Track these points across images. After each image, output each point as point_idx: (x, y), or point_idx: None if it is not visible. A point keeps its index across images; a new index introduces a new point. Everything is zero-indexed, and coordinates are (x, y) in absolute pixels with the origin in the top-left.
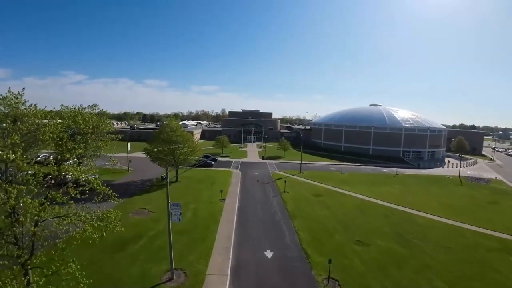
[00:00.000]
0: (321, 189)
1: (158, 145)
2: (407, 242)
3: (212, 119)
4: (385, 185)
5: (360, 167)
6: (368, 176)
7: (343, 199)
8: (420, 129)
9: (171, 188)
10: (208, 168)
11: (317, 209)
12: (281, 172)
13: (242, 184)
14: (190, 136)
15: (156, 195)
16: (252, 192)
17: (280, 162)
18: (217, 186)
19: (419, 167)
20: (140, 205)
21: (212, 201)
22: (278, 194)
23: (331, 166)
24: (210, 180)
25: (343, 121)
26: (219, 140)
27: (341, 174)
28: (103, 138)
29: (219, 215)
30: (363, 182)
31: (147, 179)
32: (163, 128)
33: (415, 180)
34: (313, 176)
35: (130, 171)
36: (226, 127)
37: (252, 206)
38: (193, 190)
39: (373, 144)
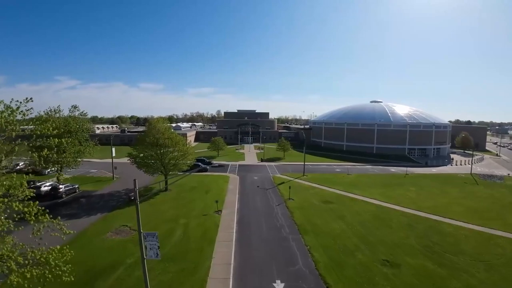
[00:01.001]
0: (330, 194)
1: (144, 149)
2: (440, 258)
3: (208, 120)
4: (399, 187)
5: (366, 167)
6: (377, 178)
7: (357, 206)
8: (425, 125)
9: (160, 198)
10: (203, 174)
11: (329, 220)
12: (282, 176)
13: (240, 191)
14: (181, 139)
15: (141, 208)
16: (253, 200)
17: (280, 164)
18: (212, 195)
19: (427, 165)
20: (122, 221)
21: (206, 213)
22: (282, 202)
23: (336, 167)
24: (204, 187)
25: (344, 119)
26: (214, 142)
27: (348, 176)
28: (84, 142)
29: (215, 232)
30: (373, 184)
31: (132, 189)
32: (149, 130)
33: (427, 180)
34: (318, 179)
35: (115, 179)
36: (221, 128)
37: (254, 218)
38: (184, 201)
39: (377, 142)
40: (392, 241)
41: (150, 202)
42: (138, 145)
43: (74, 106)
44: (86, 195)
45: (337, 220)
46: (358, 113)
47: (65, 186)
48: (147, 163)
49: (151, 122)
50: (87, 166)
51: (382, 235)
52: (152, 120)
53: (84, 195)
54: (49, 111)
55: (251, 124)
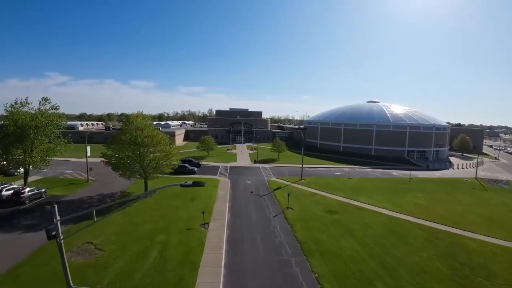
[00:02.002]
0: (333, 202)
1: (120, 148)
2: (472, 284)
3: (199, 119)
4: (406, 194)
5: (366, 170)
6: (380, 182)
7: (365, 217)
8: (425, 126)
9: (137, 207)
10: (189, 176)
11: (336, 235)
12: (278, 179)
13: (232, 197)
14: (163, 137)
15: (113, 219)
16: (246, 210)
17: (275, 166)
18: (199, 203)
19: (429, 169)
20: (87, 236)
21: (190, 227)
22: (280, 211)
23: (335, 170)
24: (190, 193)
25: (341, 119)
26: (204, 141)
27: (349, 180)
28: (55, 139)
29: (199, 254)
30: (378, 190)
31: (108, 194)
32: (126, 126)
33: (433, 185)
34: (318, 184)
35: (90, 182)
36: (213, 127)
37: (248, 234)
38: (166, 210)
39: (376, 144)
40: (415, 263)
41: (125, 212)
42: (113, 144)
43: (45, 99)
44: (53, 201)
45: (345, 236)
46: (356, 113)
47: (29, 191)
48: (123, 165)
49: (129, 117)
50: (62, 166)
51: (402, 255)
52: (131, 115)
53: (51, 201)
54: (15, 104)
55: (244, 123)
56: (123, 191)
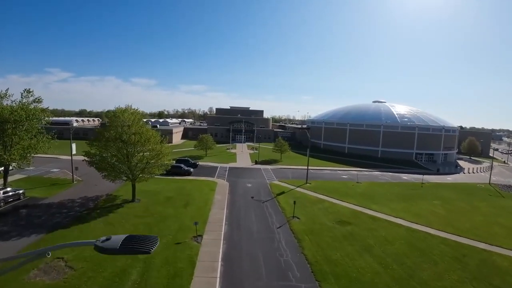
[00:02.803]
0: (344, 210)
1: (104, 147)
2: None
3: (199, 117)
4: (421, 201)
5: (375, 173)
6: (391, 187)
7: (382, 229)
8: (434, 128)
9: (121, 214)
10: (184, 178)
11: (352, 252)
12: (281, 183)
13: (230, 203)
14: (153, 135)
15: (93, 227)
16: (246, 219)
17: (277, 168)
18: (193, 210)
19: (439, 173)
20: (60, 250)
21: (180, 241)
22: (285, 221)
23: (341, 173)
24: (184, 197)
25: (347, 119)
26: (202, 140)
27: (358, 185)
28: (37, 135)
29: (188, 278)
30: (391, 196)
31: (92, 197)
32: (111, 122)
33: (447, 191)
34: (325, 189)
35: (75, 183)
36: (212, 125)
37: (248, 251)
38: (154, 219)
39: (383, 146)
40: None
41: (108, 219)
42: (96, 141)
43: (28, 91)
44: (31, 204)
45: (363, 254)
46: (362, 113)
47: (4, 192)
48: (108, 165)
49: (115, 112)
50: (50, 164)
51: (430, 278)
52: (117, 109)
53: (28, 204)
54: None
55: (245, 122)
56: (109, 194)
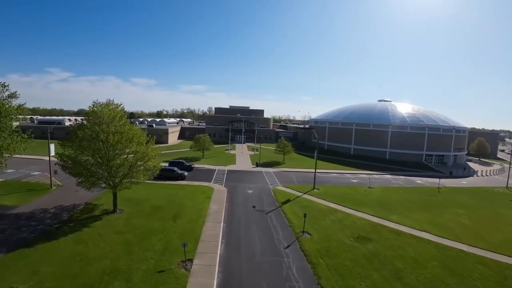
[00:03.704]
0: (361, 223)
1: (79, 148)
2: None
3: (198, 117)
4: (443, 210)
5: (386, 177)
6: (407, 193)
7: (408, 247)
8: (445, 128)
9: (98, 229)
10: (177, 183)
11: (379, 280)
12: (286, 188)
13: (228, 214)
14: (137, 134)
15: (61, 246)
16: (247, 235)
17: (280, 171)
18: (184, 223)
19: (452, 176)
20: (18, 275)
21: (164, 268)
22: (294, 238)
23: (350, 177)
24: (175, 207)
25: (352, 118)
26: (199, 140)
27: (371, 191)
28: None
29: None
30: (409, 204)
31: (69, 206)
32: (87, 119)
33: (466, 197)
34: (335, 196)
35: (54, 188)
36: (211, 125)
37: (250, 283)
38: (135, 235)
39: (391, 147)
40: None
41: (81, 236)
42: (70, 142)
43: (3, 85)
44: None
45: (393, 283)
46: (368, 112)
47: None
48: (85, 170)
49: (92, 107)
50: (33, 166)
51: None
52: (95, 104)
53: None
54: None
55: (245, 121)
56: (88, 202)
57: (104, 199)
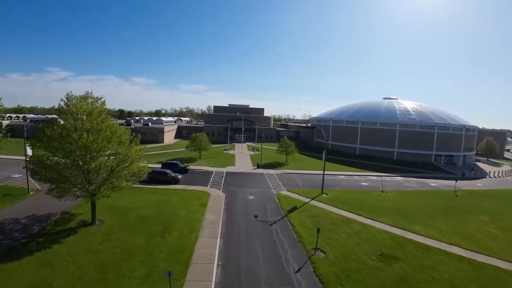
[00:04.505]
0: (381, 236)
1: (49, 149)
2: None
3: (197, 116)
4: (466, 217)
5: (397, 179)
6: (424, 198)
7: (441, 266)
8: (455, 127)
9: (69, 245)
10: (170, 188)
11: None
12: (291, 193)
13: (226, 227)
14: (117, 131)
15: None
16: (249, 255)
17: (284, 173)
18: (173, 238)
19: (465, 177)
20: None
21: None
22: (306, 258)
23: (359, 179)
24: (165, 217)
25: (357, 117)
26: (195, 139)
27: (385, 196)
28: None
29: None
30: (429, 211)
31: (43, 215)
32: (60, 114)
33: (486, 200)
34: (347, 202)
35: (31, 193)
36: (209, 124)
37: None
38: (113, 255)
39: (399, 146)
40: None
41: (48, 256)
42: (38, 141)
43: None
44: None
45: None
46: (374, 110)
47: None
48: (57, 174)
49: (67, 101)
50: (14, 168)
51: None
52: (69, 97)
53: None
54: None
55: (245, 120)
56: (66, 211)
57: (84, 208)
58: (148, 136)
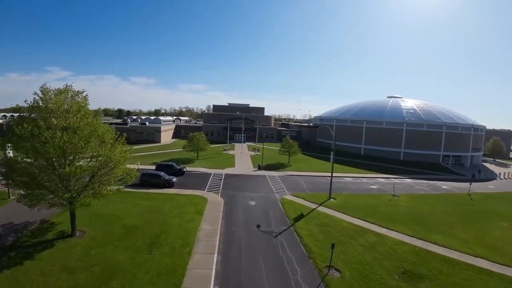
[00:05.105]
0: (401, 248)
1: (20, 150)
2: None
3: (197, 116)
4: (486, 223)
5: (407, 181)
6: (438, 202)
7: (472, 284)
8: (463, 127)
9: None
10: (164, 192)
11: None
12: (296, 198)
13: (224, 240)
14: (96, 130)
15: None
16: (251, 277)
17: (287, 175)
18: (162, 254)
19: (475, 179)
20: None
21: None
22: (318, 280)
23: (367, 181)
24: (155, 227)
25: (362, 116)
26: (192, 139)
27: (397, 200)
28: None
29: None
30: (446, 217)
31: (20, 224)
32: (32, 110)
33: (502, 204)
34: (357, 208)
35: (12, 198)
36: (208, 123)
37: None
38: (91, 276)
39: (405, 146)
40: None
41: (17, 275)
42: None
43: None
44: None
45: None
46: (379, 109)
47: None
48: (30, 179)
49: (41, 95)
50: None
51: None
52: (43, 90)
53: None
54: None
55: (245, 119)
56: (45, 220)
57: (66, 215)
58: (144, 136)
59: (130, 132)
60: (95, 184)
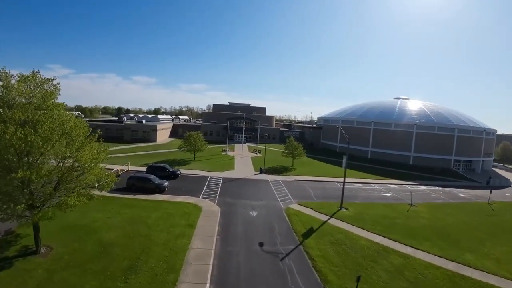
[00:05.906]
0: (432, 275)
1: None
2: None
3: (197, 116)
4: None
5: (421, 188)
6: (459, 213)
7: None
8: (475, 130)
9: None
10: (153, 198)
11: None
12: (304, 208)
13: (219, 263)
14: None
15: None
16: None
17: (291, 180)
18: (141, 283)
19: (489, 186)
20: None
21: None
22: None
23: (379, 188)
24: (134, 245)
25: (370, 117)
26: (189, 139)
27: (416, 211)
28: None
29: None
30: (472, 232)
31: None
32: None
33: None
34: (373, 221)
35: None
36: (208, 122)
37: None
38: None
39: (415, 150)
40: None
41: None
42: None
43: None
44: None
45: None
46: (387, 110)
47: None
48: None
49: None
50: None
51: None
52: (2, 74)
53: None
54: None
55: (245, 119)
56: (10, 231)
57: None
58: (139, 134)
59: (124, 130)
60: (60, 192)
